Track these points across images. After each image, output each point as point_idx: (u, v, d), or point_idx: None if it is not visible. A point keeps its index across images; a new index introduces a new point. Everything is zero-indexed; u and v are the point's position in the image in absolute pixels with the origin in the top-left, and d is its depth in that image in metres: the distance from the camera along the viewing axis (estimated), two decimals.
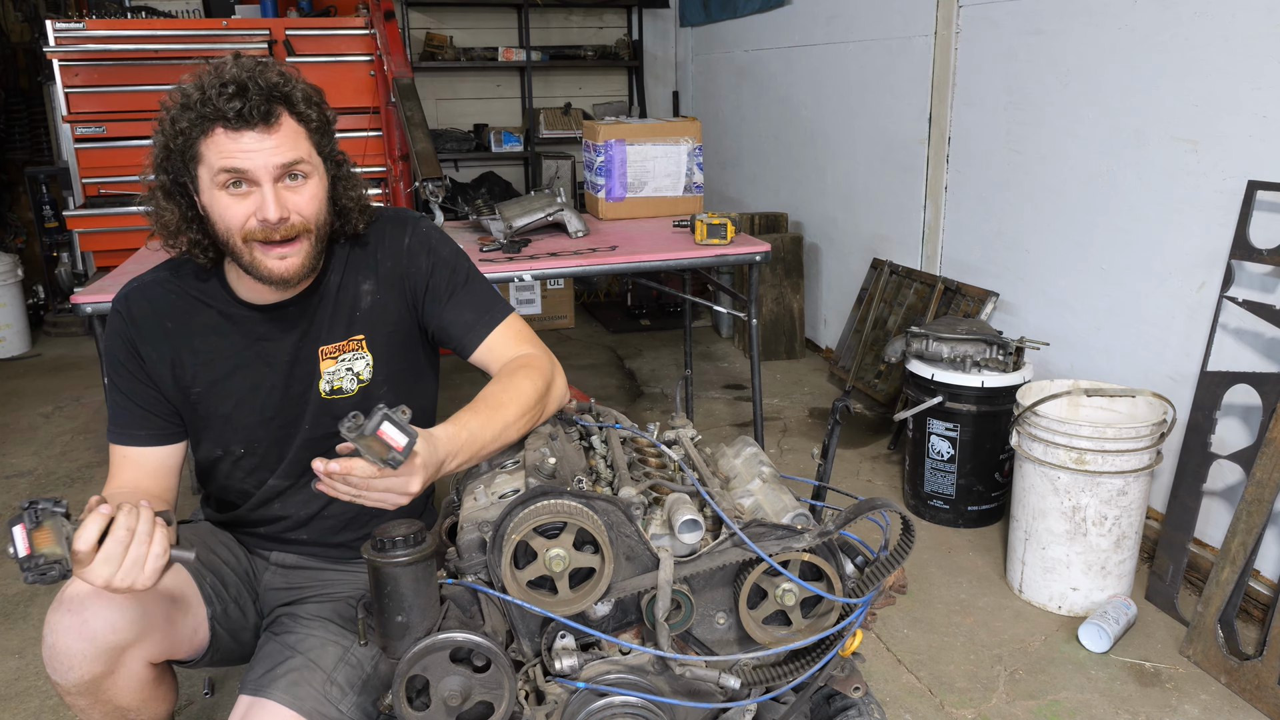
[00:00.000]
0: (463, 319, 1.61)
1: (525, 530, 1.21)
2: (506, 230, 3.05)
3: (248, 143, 1.38)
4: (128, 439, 1.56)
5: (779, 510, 1.34)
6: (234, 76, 1.38)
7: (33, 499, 1.14)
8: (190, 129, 1.38)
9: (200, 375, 1.56)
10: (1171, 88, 2.63)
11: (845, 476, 3.41)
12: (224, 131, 1.37)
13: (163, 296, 1.56)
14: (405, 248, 1.61)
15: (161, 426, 1.57)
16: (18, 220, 6.04)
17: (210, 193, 1.41)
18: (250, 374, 1.57)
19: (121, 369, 1.56)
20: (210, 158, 1.39)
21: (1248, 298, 2.43)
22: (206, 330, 1.56)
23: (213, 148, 1.39)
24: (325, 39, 4.41)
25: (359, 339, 1.59)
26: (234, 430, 1.59)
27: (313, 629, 1.56)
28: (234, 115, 1.36)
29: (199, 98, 1.37)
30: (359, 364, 1.59)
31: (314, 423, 1.59)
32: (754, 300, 3.14)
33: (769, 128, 5.17)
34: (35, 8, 5.96)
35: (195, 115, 1.37)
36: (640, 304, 5.64)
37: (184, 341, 1.55)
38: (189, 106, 1.38)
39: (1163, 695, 2.21)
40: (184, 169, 1.43)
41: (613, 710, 1.24)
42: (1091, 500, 2.44)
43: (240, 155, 1.38)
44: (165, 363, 1.55)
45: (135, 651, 1.41)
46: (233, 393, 1.57)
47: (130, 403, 1.56)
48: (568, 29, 6.44)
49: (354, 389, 1.59)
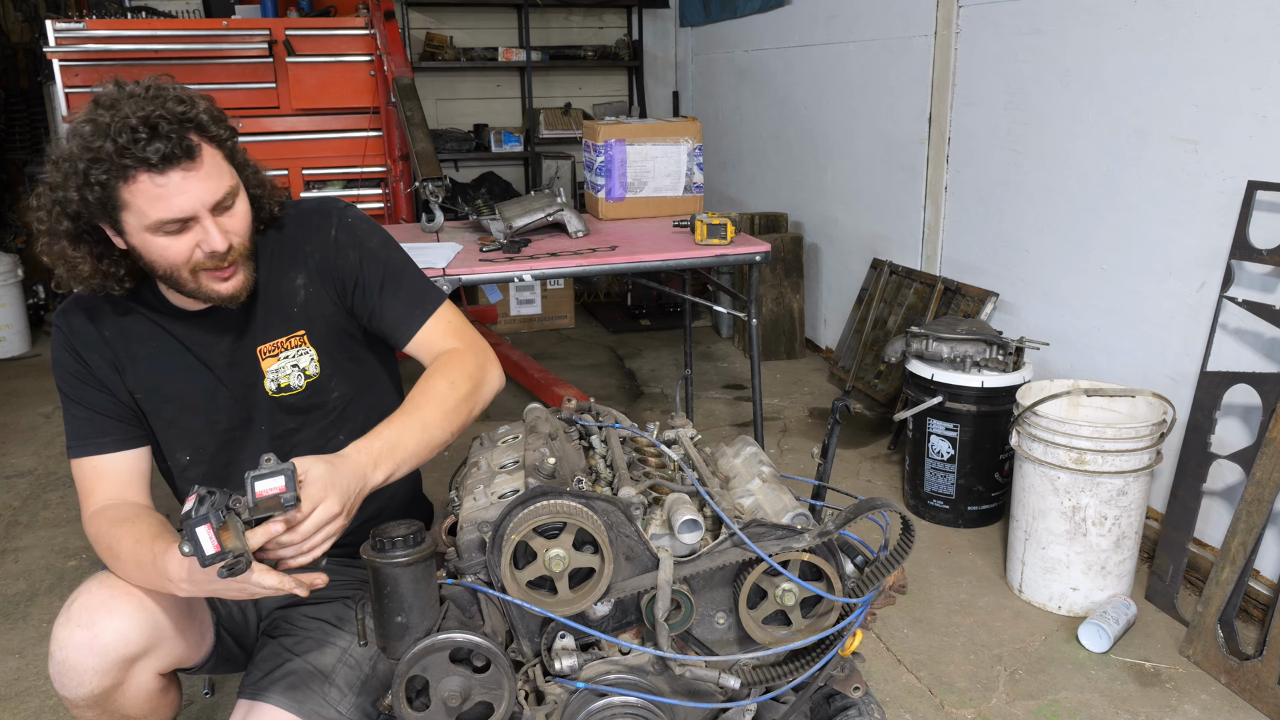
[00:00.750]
0: (394, 313, 1.57)
1: (525, 530, 1.21)
2: (506, 230, 3.05)
3: (176, 184, 1.32)
4: (93, 449, 1.51)
5: (779, 510, 1.34)
6: (143, 116, 1.30)
7: (200, 493, 1.14)
8: (109, 180, 1.31)
9: (141, 382, 1.53)
10: (1171, 88, 2.63)
11: (845, 476, 3.41)
12: (148, 176, 1.31)
13: (96, 306, 1.52)
14: (333, 240, 1.57)
15: (124, 430, 1.53)
16: (18, 220, 6.04)
17: (142, 236, 1.36)
18: (188, 378, 1.54)
19: (73, 380, 1.52)
20: (139, 205, 1.32)
21: (1248, 298, 2.43)
22: (142, 336, 1.53)
23: (140, 195, 1.32)
24: (325, 39, 4.41)
25: (300, 334, 1.56)
26: (179, 436, 1.56)
27: (310, 631, 1.56)
28: (158, 159, 1.29)
29: (112, 148, 1.29)
30: (304, 359, 1.57)
31: (270, 422, 1.57)
32: (754, 300, 3.14)
33: (769, 128, 5.17)
34: (35, 8, 5.97)
35: (111, 165, 1.29)
36: (640, 304, 5.64)
37: (121, 347, 1.52)
38: (100, 158, 1.29)
39: (1163, 695, 2.21)
40: (103, 216, 1.36)
41: (612, 710, 1.24)
42: (1091, 500, 2.44)
43: (174, 200, 1.32)
44: (108, 371, 1.52)
45: (145, 662, 1.40)
46: (173, 398, 1.54)
47: (89, 411, 1.51)
48: (568, 29, 6.44)
49: (301, 384, 1.57)
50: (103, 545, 1.41)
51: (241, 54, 4.29)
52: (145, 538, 1.35)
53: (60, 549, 2.98)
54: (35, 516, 3.22)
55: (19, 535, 3.09)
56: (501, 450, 1.59)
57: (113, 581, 1.39)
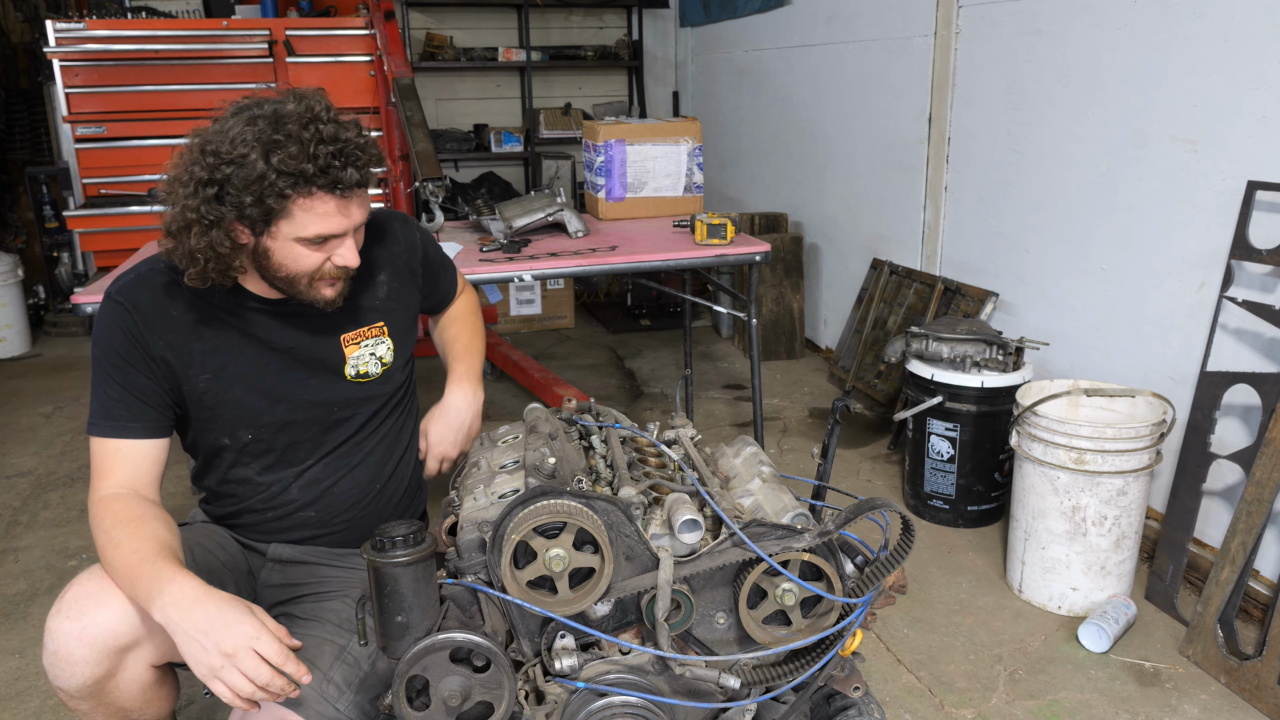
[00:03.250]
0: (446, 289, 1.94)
1: (525, 530, 1.21)
2: (506, 230, 3.05)
3: (347, 209, 1.45)
4: (120, 431, 1.52)
5: (779, 510, 1.34)
6: (332, 138, 1.41)
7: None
8: (293, 191, 1.39)
9: (209, 362, 1.56)
10: (1171, 88, 2.63)
11: (845, 476, 3.41)
12: (330, 197, 1.42)
13: (167, 286, 1.55)
14: (418, 242, 1.80)
15: (155, 419, 1.55)
16: (18, 220, 6.04)
17: (285, 244, 1.45)
18: (258, 360, 1.59)
19: (118, 359, 1.53)
20: (304, 219, 1.42)
21: (1247, 298, 2.44)
22: (213, 318, 1.56)
23: (310, 211, 1.42)
24: (325, 39, 4.41)
25: (380, 325, 1.69)
26: (242, 415, 1.60)
27: (309, 628, 1.56)
28: (348, 186, 1.42)
29: (312, 169, 1.38)
30: (381, 348, 1.69)
31: (341, 405, 1.66)
32: (754, 300, 3.14)
33: (769, 128, 5.17)
34: (35, 8, 5.97)
35: (299, 182, 1.39)
36: (640, 304, 5.64)
37: (190, 329, 1.55)
38: (295, 175, 1.38)
39: (1162, 695, 2.21)
40: (258, 219, 1.42)
41: (612, 710, 1.24)
42: (1091, 500, 2.44)
43: (340, 221, 1.45)
44: (171, 350, 1.54)
45: (136, 654, 1.41)
46: (242, 378, 1.58)
47: (125, 394, 1.53)
48: (568, 29, 6.44)
49: (378, 372, 1.68)
50: (101, 537, 1.42)
51: (241, 54, 4.29)
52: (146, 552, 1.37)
53: (60, 549, 2.98)
54: (35, 516, 3.23)
55: (19, 535, 3.09)
56: (502, 450, 1.59)
57: (104, 574, 1.41)
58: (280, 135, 1.39)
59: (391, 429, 1.75)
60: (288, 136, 1.39)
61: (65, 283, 5.49)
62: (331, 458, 1.67)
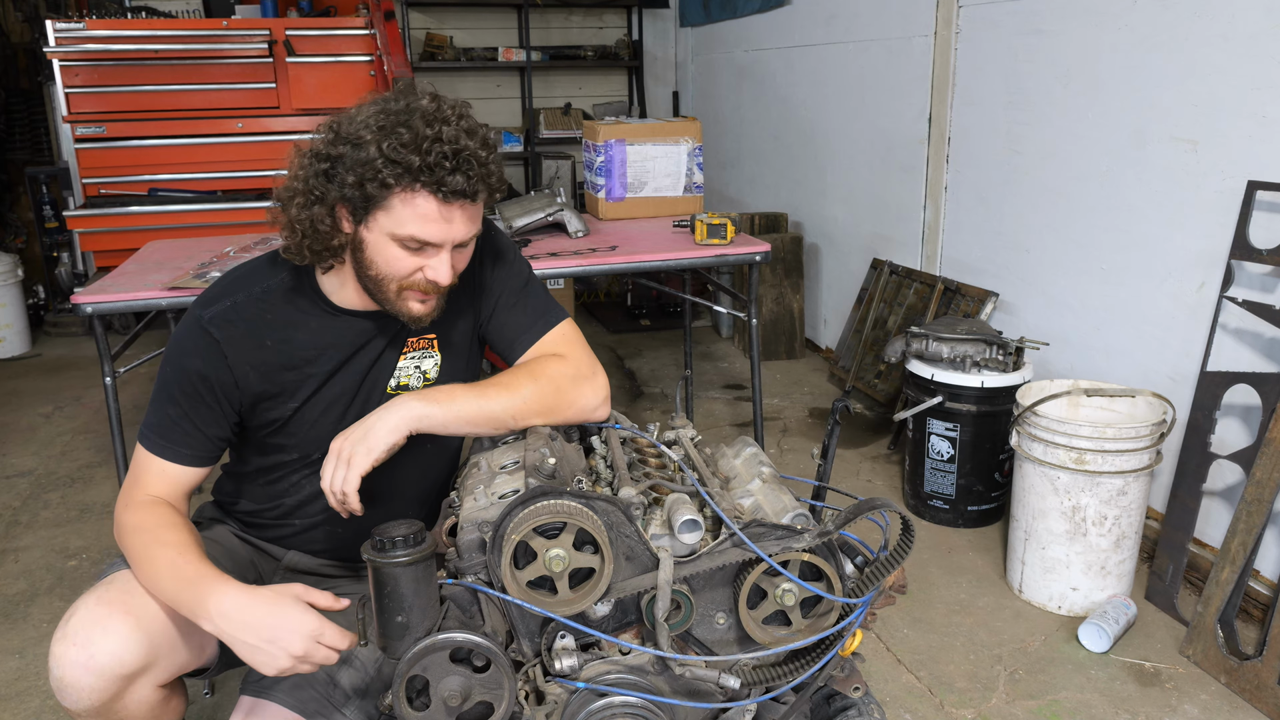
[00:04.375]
0: (518, 322, 1.64)
1: (525, 530, 1.21)
2: (506, 230, 3.05)
3: (449, 215, 1.38)
4: (170, 454, 1.49)
5: (779, 510, 1.34)
6: (456, 148, 1.35)
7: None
8: (395, 184, 1.35)
9: (301, 389, 1.52)
10: (1171, 88, 2.63)
11: (845, 476, 3.41)
12: (431, 199, 1.36)
13: (259, 316, 1.50)
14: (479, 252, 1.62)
15: (208, 449, 1.52)
16: (18, 220, 6.04)
17: (381, 239, 1.40)
18: (345, 379, 1.55)
19: (189, 386, 1.48)
20: (403, 215, 1.37)
21: (1247, 298, 2.44)
22: (306, 344, 1.52)
23: (410, 208, 1.36)
24: (325, 39, 4.41)
25: (430, 337, 1.61)
26: (320, 433, 1.54)
27: None
28: (449, 192, 1.35)
29: (419, 163, 1.33)
30: (427, 362, 1.61)
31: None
32: (754, 300, 3.14)
33: (769, 128, 5.17)
34: (35, 8, 5.97)
35: (406, 175, 1.34)
36: (640, 304, 5.64)
37: (286, 356, 1.51)
38: (402, 165, 1.33)
39: (1162, 695, 2.21)
40: (359, 204, 1.38)
41: (613, 710, 1.24)
42: (1091, 500, 2.44)
43: (436, 227, 1.38)
44: (261, 381, 1.50)
45: (144, 678, 1.38)
46: (326, 398, 1.55)
47: (186, 421, 1.49)
48: (568, 29, 6.44)
49: (419, 386, 1.60)
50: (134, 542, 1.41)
51: (241, 54, 4.29)
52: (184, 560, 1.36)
53: (60, 549, 2.98)
54: (35, 516, 3.22)
55: (19, 535, 3.09)
56: (502, 451, 1.58)
57: (110, 598, 1.37)
58: (402, 127, 1.35)
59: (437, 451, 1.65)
60: (408, 128, 1.35)
61: (65, 283, 5.49)
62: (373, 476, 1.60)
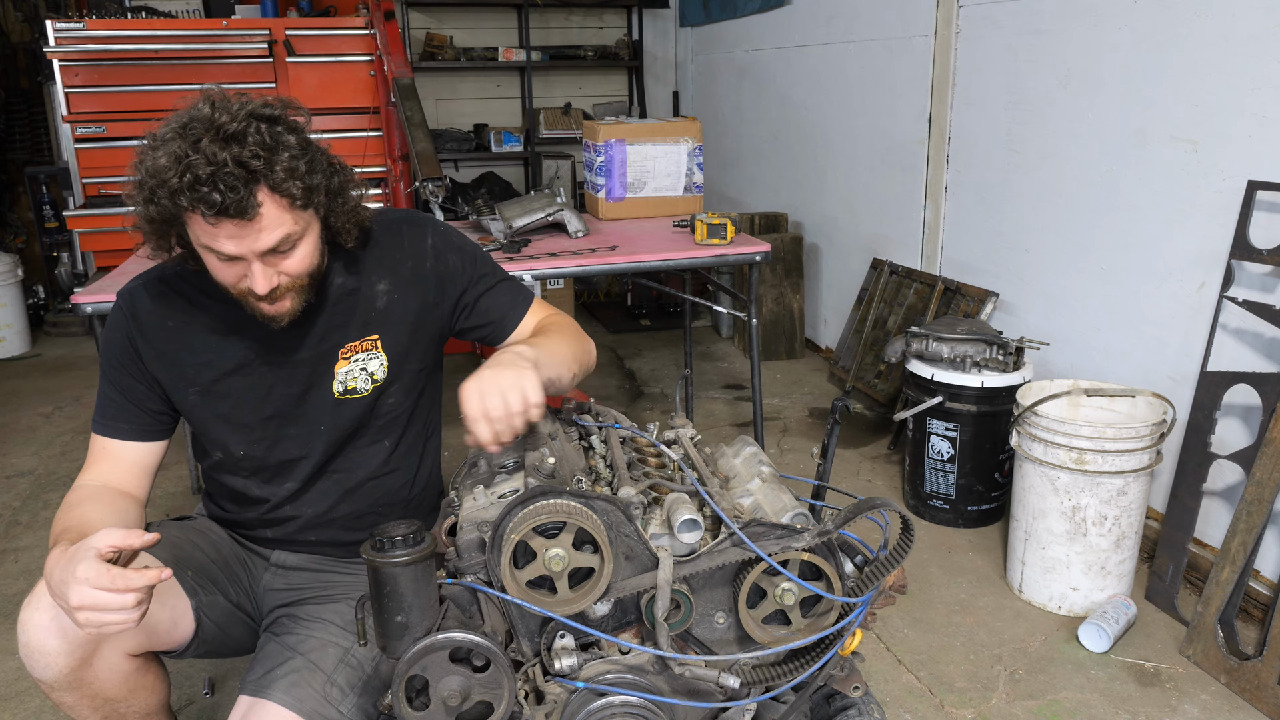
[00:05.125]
0: (500, 304, 1.67)
1: (525, 530, 1.21)
2: (506, 230, 3.05)
3: (226, 231, 1.33)
4: (111, 431, 1.56)
5: (778, 510, 1.34)
6: (211, 169, 1.28)
7: None
8: (172, 207, 1.33)
9: (200, 374, 1.55)
10: (1171, 88, 2.63)
11: (845, 476, 3.41)
12: (200, 218, 1.32)
13: (167, 294, 1.55)
14: (429, 247, 1.62)
15: (145, 422, 1.57)
16: (18, 220, 6.04)
17: (199, 247, 1.40)
18: (252, 375, 1.56)
19: (115, 362, 1.56)
20: (195, 232, 1.36)
21: (1248, 298, 2.43)
22: (208, 330, 1.55)
23: (195, 225, 1.35)
24: (325, 39, 4.41)
25: (373, 339, 1.59)
26: (233, 431, 1.58)
27: (313, 630, 1.56)
28: (212, 212, 1.30)
29: (177, 184, 1.29)
30: (373, 364, 1.59)
31: (331, 424, 1.59)
32: (754, 300, 3.14)
33: (769, 128, 5.17)
34: (35, 8, 5.97)
35: (170, 203, 1.32)
36: (640, 304, 5.63)
37: (184, 341, 1.55)
38: (164, 185, 1.31)
39: (1162, 695, 2.21)
40: (171, 222, 1.39)
41: (612, 710, 1.24)
42: (1091, 500, 2.44)
43: (222, 244, 1.34)
44: (164, 360, 1.55)
45: (110, 643, 1.41)
46: (232, 393, 1.57)
47: (119, 395, 1.56)
48: (568, 29, 6.44)
49: (368, 389, 1.59)
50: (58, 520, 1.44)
51: (241, 54, 4.29)
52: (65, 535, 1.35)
53: None
54: (35, 516, 3.22)
55: (19, 535, 3.09)
56: (501, 450, 1.58)
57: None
58: (165, 145, 1.33)
59: (399, 450, 1.67)
60: (170, 150, 1.32)
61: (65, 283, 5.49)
62: (329, 477, 1.63)
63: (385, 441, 1.65)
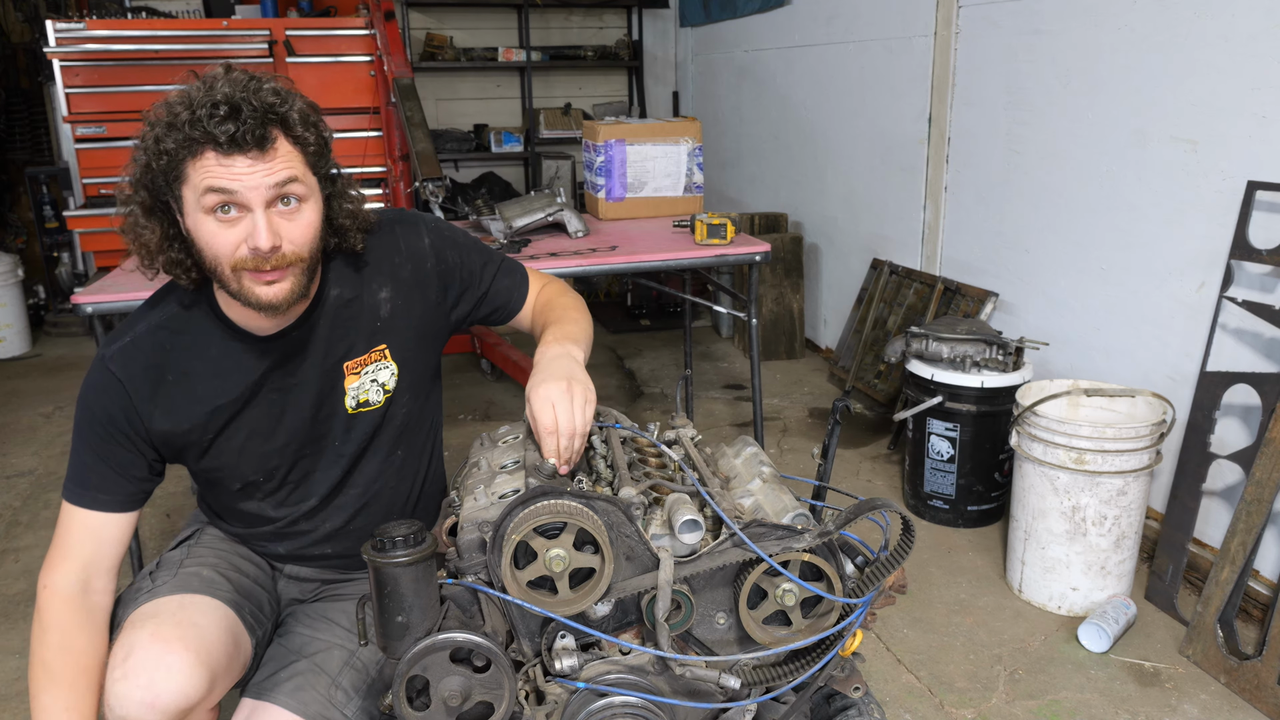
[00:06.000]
0: (505, 287, 1.69)
1: (525, 530, 1.21)
2: (506, 230, 3.05)
3: (239, 168, 1.29)
4: (90, 502, 1.45)
5: (779, 510, 1.34)
6: (226, 95, 1.28)
7: None
8: (177, 150, 1.29)
9: (212, 420, 1.48)
10: (1171, 88, 2.63)
11: (845, 476, 3.41)
12: (214, 155, 1.28)
13: (157, 349, 1.46)
14: (427, 247, 1.59)
15: (130, 492, 1.49)
16: (18, 220, 6.04)
17: (196, 216, 1.33)
18: (260, 404, 1.50)
19: (100, 428, 1.45)
20: (196, 179, 1.30)
21: (1247, 298, 2.44)
22: (209, 374, 1.47)
23: (200, 169, 1.29)
24: (325, 39, 4.41)
25: (381, 348, 1.55)
26: (248, 460, 1.52)
27: (318, 632, 1.56)
28: (226, 139, 1.27)
29: (188, 117, 1.27)
30: (384, 374, 1.55)
31: (343, 438, 1.55)
32: (754, 300, 3.14)
33: (769, 128, 5.17)
34: (35, 8, 5.97)
35: (182, 136, 1.28)
36: (640, 304, 5.63)
37: (188, 391, 1.46)
38: (175, 126, 1.28)
39: (1162, 695, 2.21)
40: (167, 189, 1.34)
41: (613, 710, 1.24)
42: (1091, 500, 2.44)
43: (230, 178, 1.29)
44: (173, 417, 1.46)
45: (201, 705, 1.39)
46: (243, 427, 1.50)
47: (102, 465, 1.45)
48: (568, 29, 6.44)
49: (380, 400, 1.56)
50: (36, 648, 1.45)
51: (241, 54, 4.28)
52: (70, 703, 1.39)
53: None
54: (35, 516, 3.22)
55: (19, 535, 3.09)
56: (502, 450, 1.58)
57: (165, 634, 1.36)
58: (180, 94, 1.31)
59: (410, 456, 1.65)
60: (183, 94, 1.30)
61: (65, 283, 5.49)
62: (347, 493, 1.60)
63: (399, 450, 1.62)
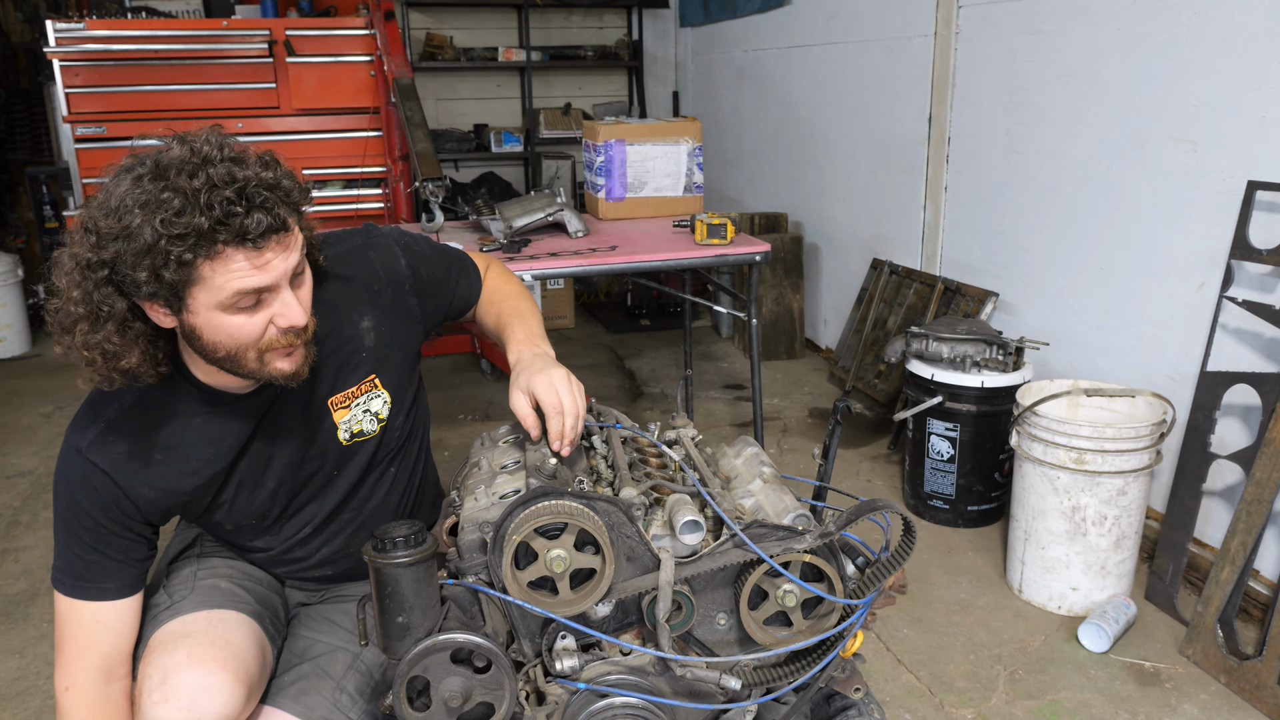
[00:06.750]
0: (465, 287, 1.67)
1: (526, 531, 1.21)
2: (506, 230, 3.05)
3: (270, 259, 1.20)
4: (93, 593, 1.38)
5: (780, 511, 1.34)
6: (238, 186, 1.17)
7: None
8: (194, 257, 1.16)
9: (209, 486, 1.43)
10: (1171, 88, 2.63)
11: (845, 476, 3.42)
12: (240, 251, 1.18)
13: (137, 431, 1.36)
14: (405, 269, 1.54)
15: (133, 574, 1.42)
16: (18, 220, 6.04)
17: (211, 316, 1.22)
18: (249, 456, 1.45)
19: (91, 522, 1.36)
20: (219, 281, 1.19)
21: (1247, 298, 2.44)
22: (199, 443, 1.39)
23: (223, 271, 1.18)
24: (325, 39, 4.41)
25: (370, 379, 1.50)
26: (241, 508, 1.49)
27: (321, 632, 1.56)
28: (260, 234, 1.17)
29: (206, 223, 1.15)
30: (376, 403, 1.52)
31: (341, 469, 1.53)
32: (754, 300, 3.14)
33: (769, 128, 5.17)
34: (36, 8, 5.97)
35: (199, 241, 1.15)
36: (640, 304, 5.64)
37: (179, 463, 1.39)
38: (189, 234, 1.14)
39: (1162, 695, 2.21)
40: (169, 296, 1.20)
41: (613, 711, 1.24)
42: (1091, 500, 2.44)
43: (261, 273, 1.20)
44: (170, 496, 1.40)
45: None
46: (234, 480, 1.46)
47: (98, 555, 1.38)
48: (568, 29, 6.44)
49: (374, 429, 1.53)
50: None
51: (241, 54, 4.29)
52: None
53: None
54: (35, 516, 3.23)
55: (19, 535, 3.09)
56: (503, 450, 1.59)
57: (201, 654, 1.35)
58: (167, 192, 1.15)
59: (403, 470, 1.63)
60: (174, 191, 1.15)
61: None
62: (341, 518, 1.58)
63: (393, 469, 1.60)
